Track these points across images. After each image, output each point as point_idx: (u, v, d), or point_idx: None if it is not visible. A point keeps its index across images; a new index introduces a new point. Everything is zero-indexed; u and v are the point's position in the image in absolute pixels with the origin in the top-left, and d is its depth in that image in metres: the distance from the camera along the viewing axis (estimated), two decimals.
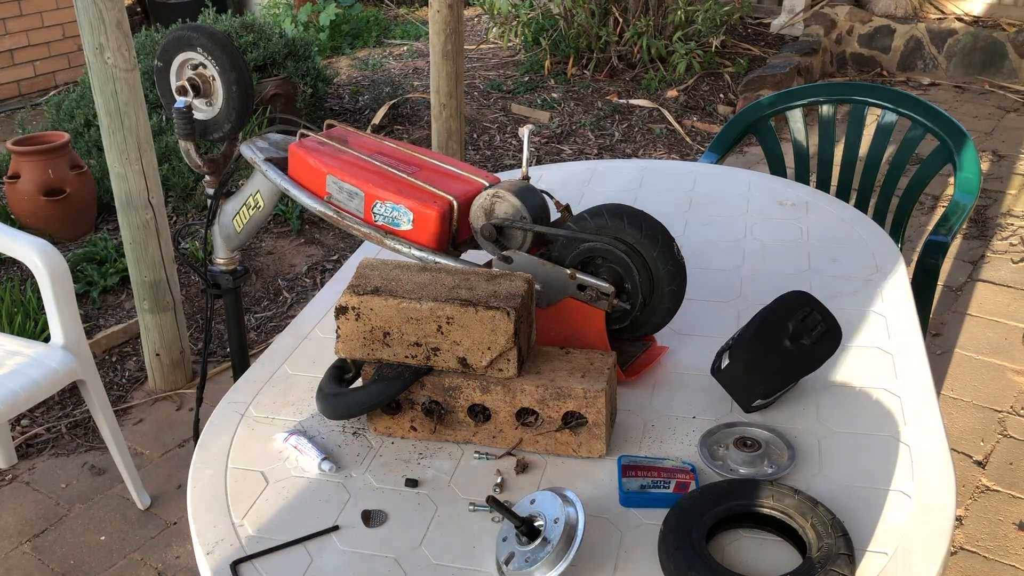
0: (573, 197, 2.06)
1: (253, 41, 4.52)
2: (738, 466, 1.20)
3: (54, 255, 2.13)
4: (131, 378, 3.01)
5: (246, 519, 1.16)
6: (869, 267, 1.72)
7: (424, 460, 1.26)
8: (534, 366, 1.24)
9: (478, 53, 6.27)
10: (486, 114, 5.18)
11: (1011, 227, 3.81)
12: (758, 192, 2.08)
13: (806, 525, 1.05)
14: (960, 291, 3.35)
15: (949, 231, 2.18)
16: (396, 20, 7.22)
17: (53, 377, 2.12)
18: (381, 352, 1.23)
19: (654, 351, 1.46)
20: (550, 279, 1.36)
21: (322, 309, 1.65)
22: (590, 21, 5.67)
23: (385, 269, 1.27)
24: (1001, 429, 2.61)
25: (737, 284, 1.68)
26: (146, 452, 2.66)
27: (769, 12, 6.55)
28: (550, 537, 1.03)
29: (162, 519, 2.40)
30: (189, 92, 1.74)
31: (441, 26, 3.58)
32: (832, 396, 1.35)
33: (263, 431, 1.33)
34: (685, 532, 1.04)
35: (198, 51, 1.72)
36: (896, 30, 5.78)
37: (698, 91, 5.41)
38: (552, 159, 4.60)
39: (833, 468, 1.20)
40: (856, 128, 2.55)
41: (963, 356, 2.95)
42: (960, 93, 5.44)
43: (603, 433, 1.21)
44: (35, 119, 5.05)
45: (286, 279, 3.58)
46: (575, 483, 1.20)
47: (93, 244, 3.60)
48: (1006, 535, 2.25)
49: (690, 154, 4.67)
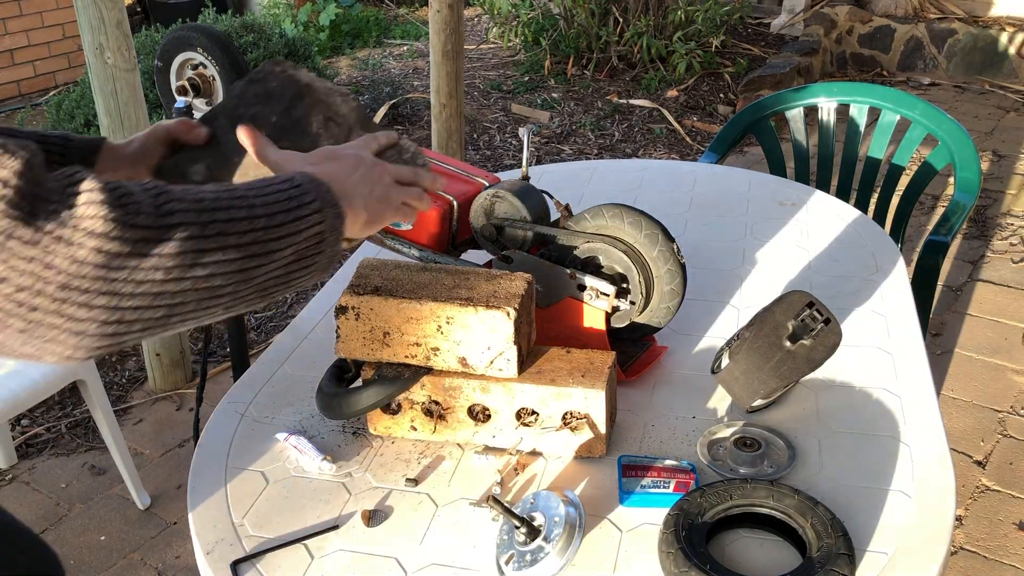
0: (573, 197, 2.06)
1: (253, 41, 4.52)
2: (738, 466, 1.20)
3: None
4: (131, 378, 3.01)
5: (246, 519, 1.17)
6: (869, 267, 1.72)
7: (424, 460, 1.26)
8: (534, 366, 1.24)
9: (478, 53, 6.27)
10: (486, 114, 5.18)
11: (1011, 227, 3.81)
12: (758, 192, 2.08)
13: (806, 525, 1.05)
14: (960, 291, 3.35)
15: (949, 231, 2.18)
16: (396, 20, 7.22)
17: (53, 377, 2.12)
18: (381, 352, 1.23)
19: (654, 351, 1.46)
20: (550, 279, 1.36)
21: (322, 309, 1.65)
22: (590, 21, 5.67)
23: (385, 269, 1.27)
24: (1001, 429, 2.61)
25: (737, 284, 1.68)
26: (146, 452, 2.66)
27: (769, 12, 6.55)
28: (550, 537, 1.03)
29: (162, 519, 2.40)
30: (189, 92, 1.74)
31: (441, 26, 3.58)
32: (832, 396, 1.35)
33: (263, 431, 1.33)
34: (685, 532, 1.04)
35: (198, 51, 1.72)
36: (896, 30, 5.78)
37: (698, 91, 5.41)
38: (552, 159, 4.60)
39: (833, 468, 1.20)
40: (856, 128, 2.55)
41: (963, 356, 2.95)
42: (960, 93, 5.44)
43: (603, 433, 1.21)
44: (35, 119, 5.05)
45: None
46: (575, 483, 1.20)
47: None
48: (1006, 535, 2.25)
49: (690, 154, 4.67)
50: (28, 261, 0.63)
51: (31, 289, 0.63)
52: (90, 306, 0.65)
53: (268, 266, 0.75)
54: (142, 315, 0.68)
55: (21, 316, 0.64)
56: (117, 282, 0.65)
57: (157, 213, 0.68)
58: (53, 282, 0.64)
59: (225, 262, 0.71)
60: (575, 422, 1.21)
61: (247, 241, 0.73)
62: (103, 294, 0.65)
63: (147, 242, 0.66)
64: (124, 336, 0.68)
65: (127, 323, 0.67)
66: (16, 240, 0.62)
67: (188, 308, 0.71)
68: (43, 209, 0.64)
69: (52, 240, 0.63)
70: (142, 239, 0.66)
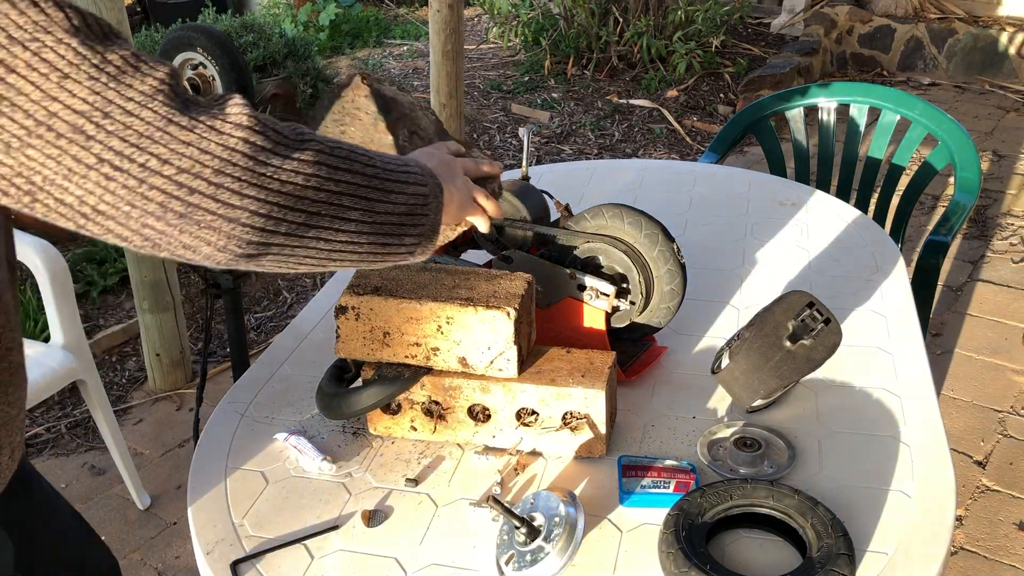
0: (573, 197, 2.06)
1: (253, 41, 4.52)
2: (738, 466, 1.20)
3: (54, 255, 2.13)
4: (131, 378, 3.01)
5: (246, 519, 1.16)
6: (869, 267, 1.72)
7: (424, 460, 1.26)
8: (534, 366, 1.24)
9: (478, 53, 6.27)
10: (486, 114, 5.18)
11: (1011, 227, 3.81)
12: (758, 192, 2.08)
13: (806, 525, 1.05)
14: (960, 291, 3.35)
15: (949, 231, 2.18)
16: (396, 20, 7.22)
17: (53, 377, 2.12)
18: (381, 352, 1.23)
19: (654, 351, 1.46)
20: (550, 279, 1.36)
21: (322, 309, 1.65)
22: (590, 21, 5.67)
23: (385, 269, 1.27)
24: (1001, 429, 2.61)
25: (737, 284, 1.68)
26: (146, 452, 2.66)
27: (769, 12, 6.55)
28: (550, 537, 1.03)
29: (162, 519, 2.40)
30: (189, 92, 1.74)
31: (441, 26, 3.58)
32: (832, 396, 1.35)
33: (263, 431, 1.33)
34: (685, 532, 1.04)
35: (198, 51, 1.72)
36: (896, 30, 5.78)
37: (698, 91, 5.41)
38: (552, 159, 4.60)
39: (833, 468, 1.20)
40: (856, 128, 2.55)
41: (963, 356, 2.95)
42: (960, 93, 5.44)
43: (603, 433, 1.21)
44: None
45: (286, 279, 3.58)
46: (575, 483, 1.20)
47: (93, 244, 3.59)
48: (1006, 535, 2.25)
49: (690, 154, 4.67)
50: (186, 145, 0.68)
51: (190, 172, 0.68)
52: (242, 194, 0.70)
53: (386, 204, 0.82)
54: (286, 215, 0.73)
55: (181, 198, 0.69)
56: (264, 176, 0.71)
57: (293, 130, 0.76)
58: (209, 166, 0.69)
59: (353, 184, 0.78)
60: (575, 422, 1.21)
61: (369, 173, 0.81)
62: (252, 185, 0.71)
63: (287, 147, 0.73)
64: (271, 235, 0.73)
65: (274, 220, 0.73)
66: (175, 125, 0.68)
67: (323, 224, 0.76)
68: (195, 106, 0.71)
69: (206, 128, 0.69)
70: (283, 143, 0.73)
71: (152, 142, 0.67)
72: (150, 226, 0.69)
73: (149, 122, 0.68)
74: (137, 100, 0.68)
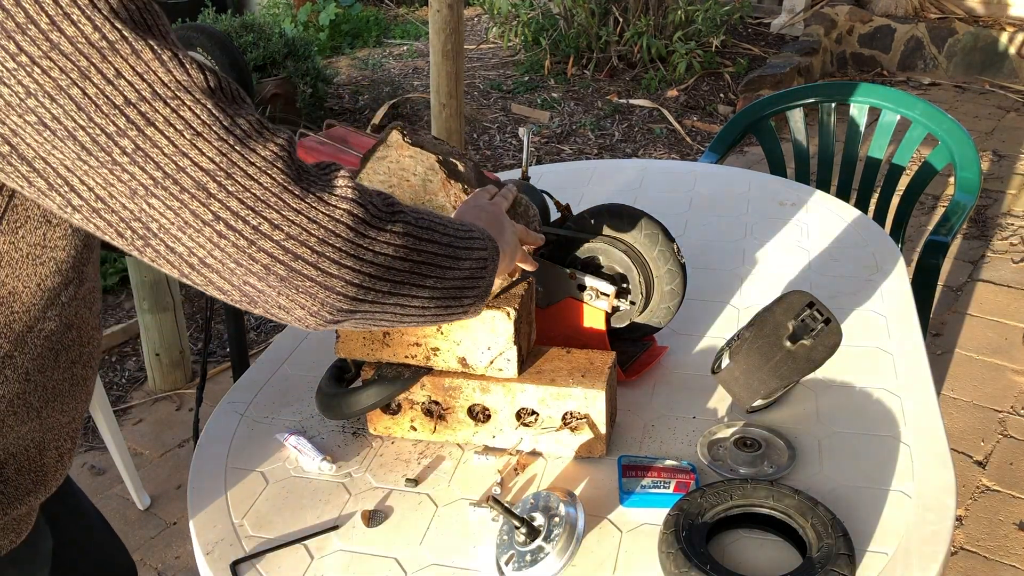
0: (573, 197, 2.06)
1: (253, 41, 4.52)
2: (738, 466, 1.20)
3: None
4: (131, 378, 3.01)
5: (246, 519, 1.16)
6: (869, 267, 1.72)
7: (424, 460, 1.26)
8: (534, 366, 1.24)
9: (478, 53, 6.27)
10: (486, 114, 5.18)
11: (1011, 227, 3.81)
12: (758, 192, 2.08)
13: (806, 525, 1.05)
14: (960, 291, 3.35)
15: (949, 231, 2.18)
16: (396, 20, 7.22)
17: None
18: (381, 352, 1.23)
19: (654, 351, 1.46)
20: (550, 279, 1.36)
21: None
22: (590, 21, 5.67)
23: None
24: (1001, 429, 2.61)
25: (737, 284, 1.68)
26: (146, 452, 2.66)
27: (769, 12, 6.55)
28: (550, 537, 1.03)
29: (162, 519, 2.40)
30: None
31: (441, 26, 3.58)
32: (832, 396, 1.35)
33: (263, 431, 1.33)
34: (685, 532, 1.04)
35: (198, 51, 1.72)
36: (896, 30, 5.78)
37: (698, 91, 5.41)
38: (552, 159, 4.60)
39: (833, 468, 1.20)
40: (856, 128, 2.55)
41: (963, 356, 2.95)
42: (960, 93, 5.44)
43: (603, 433, 1.21)
44: None
45: None
46: (575, 483, 1.20)
47: None
48: (1006, 535, 2.25)
49: (690, 154, 4.67)
50: (297, 213, 0.72)
51: (297, 239, 0.72)
52: (340, 264, 0.74)
53: (454, 271, 0.87)
54: (375, 284, 0.78)
55: (285, 263, 0.72)
56: (361, 248, 0.76)
57: (386, 202, 0.81)
58: (315, 235, 0.73)
59: (432, 254, 0.84)
60: (575, 422, 1.21)
61: (444, 243, 0.86)
62: (350, 256, 0.75)
63: (382, 219, 0.78)
64: (359, 303, 0.77)
65: (364, 289, 0.77)
66: (290, 193, 0.72)
67: (403, 291, 0.81)
68: (307, 175, 0.74)
69: (316, 199, 0.73)
70: (379, 216, 0.78)
71: (267, 207, 0.71)
72: (251, 284, 0.73)
73: (267, 187, 0.71)
74: (258, 165, 0.71)
